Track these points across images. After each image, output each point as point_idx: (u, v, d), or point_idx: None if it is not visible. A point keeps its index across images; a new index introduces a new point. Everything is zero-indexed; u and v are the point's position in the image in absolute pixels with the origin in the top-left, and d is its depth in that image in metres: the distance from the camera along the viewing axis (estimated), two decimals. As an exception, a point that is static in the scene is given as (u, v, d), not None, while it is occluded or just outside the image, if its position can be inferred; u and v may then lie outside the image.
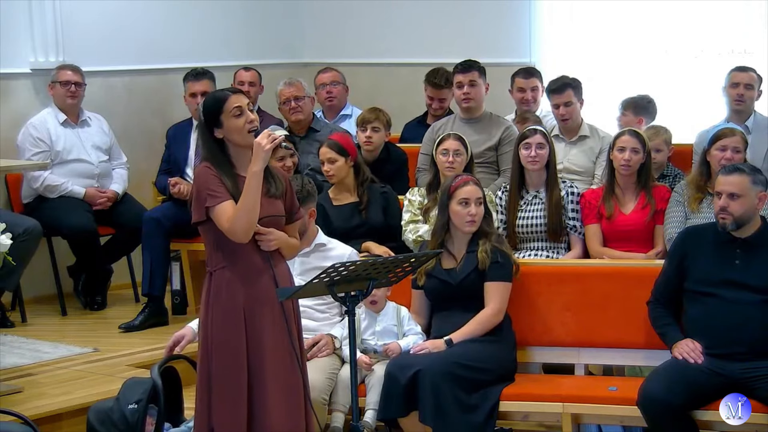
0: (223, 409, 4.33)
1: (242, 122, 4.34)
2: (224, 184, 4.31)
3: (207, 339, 4.39)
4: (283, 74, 7.81)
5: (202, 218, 4.34)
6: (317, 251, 5.51)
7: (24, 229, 6.41)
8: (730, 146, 5.73)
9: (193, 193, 4.38)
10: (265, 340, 4.37)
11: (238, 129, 4.35)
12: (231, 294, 4.35)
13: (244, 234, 4.29)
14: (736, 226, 5.02)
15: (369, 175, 6.30)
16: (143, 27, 8.29)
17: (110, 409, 4.88)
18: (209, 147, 4.40)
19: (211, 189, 4.30)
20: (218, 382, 4.35)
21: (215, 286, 4.38)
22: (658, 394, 4.86)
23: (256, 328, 4.36)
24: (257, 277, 4.38)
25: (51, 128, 7.34)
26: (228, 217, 4.28)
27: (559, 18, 8.42)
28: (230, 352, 4.34)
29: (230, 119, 4.34)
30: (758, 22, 7.71)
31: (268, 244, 4.38)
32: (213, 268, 4.40)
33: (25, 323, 7.11)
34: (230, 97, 4.36)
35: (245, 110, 4.35)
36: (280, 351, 4.39)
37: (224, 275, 4.37)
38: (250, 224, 4.29)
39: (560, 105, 6.72)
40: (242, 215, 4.26)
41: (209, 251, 4.43)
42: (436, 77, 7.55)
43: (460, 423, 4.99)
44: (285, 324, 4.40)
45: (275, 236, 4.39)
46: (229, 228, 4.28)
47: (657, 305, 5.22)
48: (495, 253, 5.33)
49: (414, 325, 5.39)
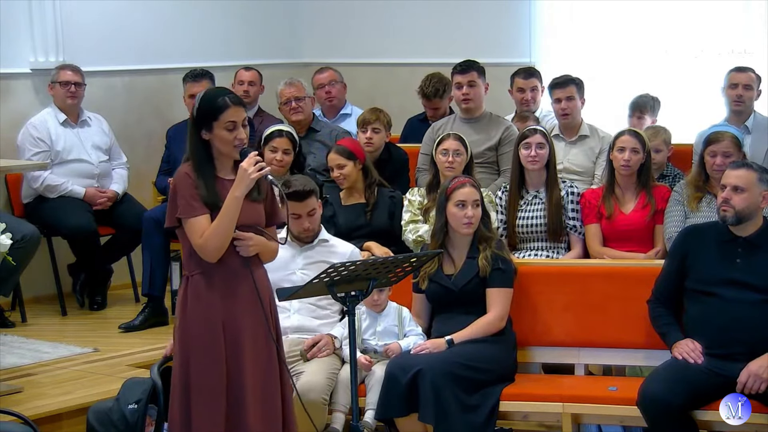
0: (204, 414, 4.27)
1: (232, 137, 4.29)
2: (201, 193, 4.25)
3: (185, 344, 4.32)
4: (283, 74, 7.81)
5: (174, 225, 4.31)
6: (320, 246, 5.54)
7: (22, 235, 6.39)
8: (720, 151, 5.72)
9: (169, 196, 4.34)
10: (244, 343, 4.31)
11: (225, 142, 4.29)
12: (209, 299, 4.30)
13: (214, 253, 4.25)
14: (736, 221, 5.01)
15: (377, 177, 6.32)
16: (143, 27, 8.29)
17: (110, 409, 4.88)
18: (194, 145, 4.34)
19: (185, 199, 4.25)
20: (197, 389, 4.29)
21: (193, 290, 4.32)
22: (658, 394, 4.86)
23: (235, 334, 4.31)
24: (236, 281, 4.33)
25: (51, 128, 7.34)
26: (200, 234, 4.23)
27: (559, 18, 8.41)
28: (210, 359, 4.28)
29: (221, 130, 4.28)
30: (758, 22, 7.71)
31: (247, 249, 4.32)
32: (190, 273, 4.34)
33: (25, 323, 7.11)
34: (229, 108, 4.28)
35: (238, 126, 4.29)
36: (260, 354, 4.35)
37: (202, 280, 4.31)
38: (221, 246, 4.24)
39: (562, 99, 6.70)
40: (215, 237, 4.22)
41: (186, 255, 4.38)
42: (428, 87, 7.47)
43: (460, 423, 4.99)
44: (265, 328, 4.36)
45: (254, 241, 4.33)
46: (201, 245, 4.24)
47: (657, 305, 5.22)
48: (496, 259, 5.33)
49: (415, 326, 5.39)
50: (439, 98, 7.46)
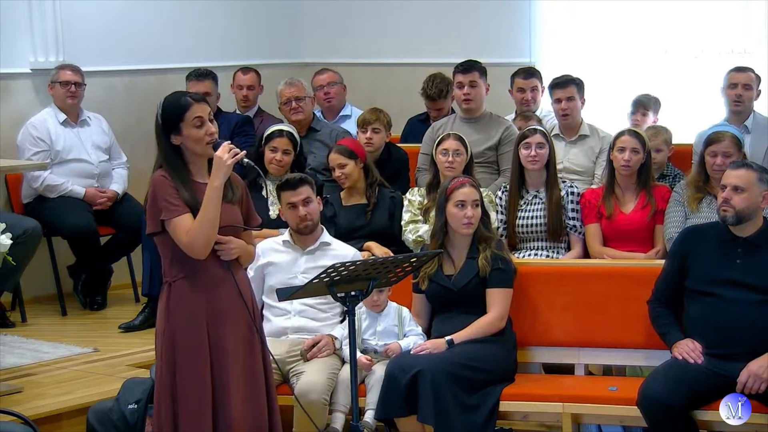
0: (191, 418, 4.27)
1: (202, 133, 4.27)
2: (181, 194, 4.24)
3: (170, 349, 4.31)
4: (283, 74, 7.81)
5: (157, 230, 4.27)
6: (321, 249, 5.54)
7: (24, 230, 6.42)
8: (720, 151, 5.72)
9: (148, 202, 4.30)
10: (228, 347, 4.31)
11: (197, 139, 4.27)
12: (192, 304, 4.29)
13: (202, 248, 4.23)
14: (736, 221, 5.01)
15: (378, 177, 6.32)
16: (143, 27, 8.29)
17: (110, 410, 4.89)
18: (165, 152, 4.31)
19: (167, 200, 4.23)
20: (184, 393, 4.28)
21: (175, 296, 4.31)
22: (658, 394, 4.86)
23: (219, 336, 4.31)
24: (218, 285, 4.32)
25: (51, 128, 7.34)
26: (186, 231, 4.21)
27: (559, 18, 8.42)
28: (195, 362, 4.28)
29: (190, 129, 4.26)
30: (758, 22, 7.72)
31: (229, 253, 4.32)
32: (172, 279, 4.32)
33: (25, 323, 7.10)
34: (192, 105, 4.27)
35: (206, 121, 4.27)
36: (245, 356, 4.35)
37: (184, 285, 4.30)
38: (209, 239, 4.23)
39: (562, 99, 6.70)
40: (201, 230, 4.20)
41: (167, 262, 4.35)
42: (431, 88, 7.47)
43: (460, 423, 4.99)
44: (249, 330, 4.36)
45: (235, 244, 4.33)
46: (188, 242, 4.22)
47: (657, 305, 5.22)
48: (495, 259, 5.33)
49: (415, 326, 5.39)
50: (443, 99, 7.46)
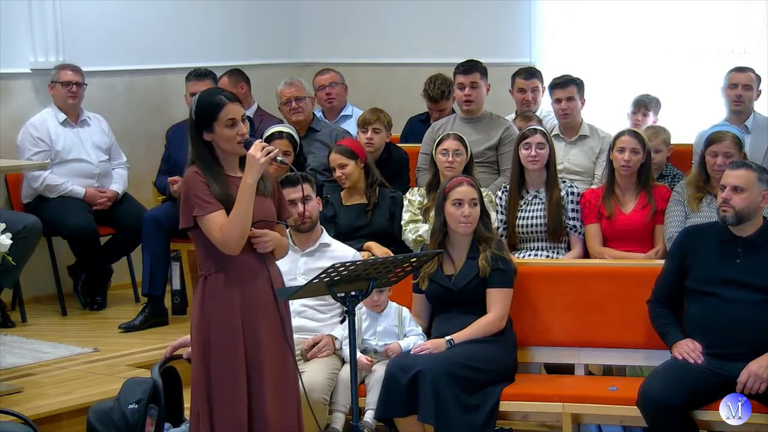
0: (226, 410, 4.32)
1: (233, 134, 4.32)
2: (213, 190, 4.29)
3: (203, 342, 4.35)
4: (283, 74, 7.81)
5: (190, 224, 4.32)
6: (321, 250, 5.54)
7: (24, 225, 6.44)
8: (721, 151, 5.72)
9: (181, 198, 4.36)
10: (263, 340, 4.36)
11: (228, 139, 4.33)
12: (227, 296, 4.33)
13: (236, 245, 4.27)
14: (736, 221, 5.01)
15: (378, 177, 6.33)
16: (143, 27, 8.29)
17: (110, 409, 4.88)
18: (198, 148, 4.37)
19: (199, 197, 4.28)
20: (219, 385, 4.33)
21: (210, 289, 4.35)
22: (658, 394, 4.86)
23: (254, 329, 4.35)
24: (253, 278, 4.37)
25: (51, 128, 7.34)
26: (219, 228, 4.26)
27: (559, 18, 8.42)
28: (230, 355, 4.32)
29: (222, 128, 4.32)
30: (758, 22, 7.71)
31: (265, 246, 4.37)
32: (207, 272, 4.37)
33: (25, 323, 7.11)
34: (226, 105, 4.32)
35: (238, 122, 4.33)
36: (277, 350, 4.39)
37: (219, 278, 4.34)
38: (242, 236, 4.28)
39: (562, 100, 6.71)
40: (234, 227, 4.25)
41: (201, 256, 4.40)
42: (433, 90, 7.46)
43: (460, 423, 4.99)
44: (280, 323, 4.40)
45: (270, 237, 4.38)
46: (221, 238, 4.26)
47: (657, 304, 5.22)
48: (495, 259, 5.33)
49: (415, 326, 5.39)
50: (445, 100, 7.46)
